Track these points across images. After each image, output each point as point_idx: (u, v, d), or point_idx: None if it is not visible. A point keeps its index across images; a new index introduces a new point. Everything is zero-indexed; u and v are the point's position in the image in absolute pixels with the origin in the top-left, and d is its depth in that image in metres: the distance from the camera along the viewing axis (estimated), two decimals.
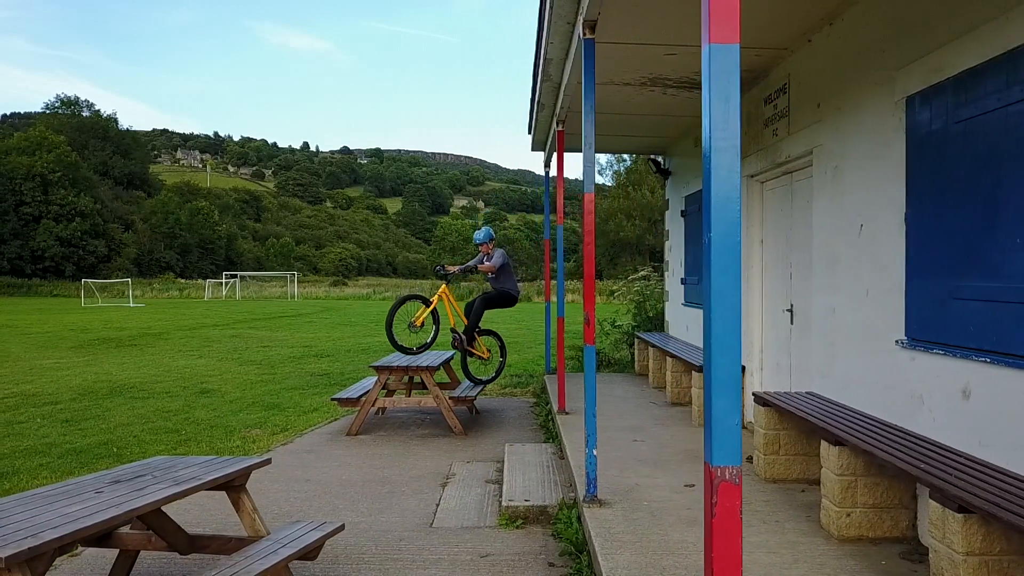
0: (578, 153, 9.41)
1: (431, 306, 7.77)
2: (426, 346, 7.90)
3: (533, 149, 10.05)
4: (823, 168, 5.08)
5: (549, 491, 5.05)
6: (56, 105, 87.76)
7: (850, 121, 4.67)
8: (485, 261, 8.24)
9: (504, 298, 8.13)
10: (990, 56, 3.25)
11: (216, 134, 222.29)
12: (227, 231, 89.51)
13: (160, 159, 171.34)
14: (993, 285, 3.24)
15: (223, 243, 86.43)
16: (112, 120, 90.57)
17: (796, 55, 5.62)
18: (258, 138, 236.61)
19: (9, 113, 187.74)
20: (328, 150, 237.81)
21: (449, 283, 8.06)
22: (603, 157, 42.53)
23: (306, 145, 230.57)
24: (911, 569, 3.45)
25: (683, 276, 9.41)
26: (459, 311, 8.12)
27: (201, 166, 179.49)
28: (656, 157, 10.70)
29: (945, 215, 3.60)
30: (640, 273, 13.65)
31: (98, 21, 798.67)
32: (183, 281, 63.76)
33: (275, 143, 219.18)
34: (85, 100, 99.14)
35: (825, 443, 3.93)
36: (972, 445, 3.37)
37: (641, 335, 10.34)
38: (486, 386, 8.54)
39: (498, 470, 5.96)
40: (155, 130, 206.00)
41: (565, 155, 7.71)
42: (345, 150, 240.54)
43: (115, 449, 6.75)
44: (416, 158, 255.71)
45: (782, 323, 6.11)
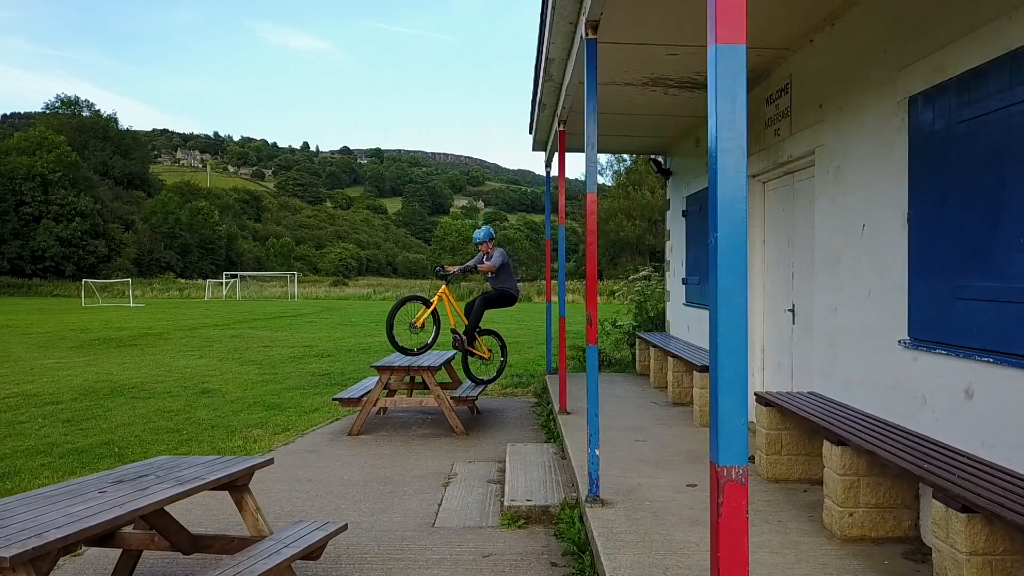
0: (579, 153, 9.43)
1: (431, 307, 7.76)
2: (427, 347, 7.90)
3: (534, 149, 10.05)
4: (825, 168, 5.08)
5: (551, 491, 5.05)
6: (56, 105, 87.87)
7: (852, 121, 4.67)
8: (485, 260, 8.23)
9: (504, 297, 8.14)
10: (993, 56, 3.25)
11: (216, 134, 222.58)
12: (227, 231, 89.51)
13: (160, 159, 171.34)
14: (996, 285, 3.24)
15: (223, 243, 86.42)
16: (112, 120, 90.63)
17: (798, 55, 5.62)
18: (258, 138, 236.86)
19: (9, 113, 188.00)
20: (328, 150, 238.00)
21: (449, 283, 8.05)
22: (603, 157, 42.45)
23: (306, 145, 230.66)
24: (914, 569, 3.45)
25: (684, 276, 9.41)
26: (459, 311, 8.12)
27: (201, 166, 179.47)
28: (657, 157, 10.70)
29: (948, 215, 3.61)
30: (641, 273, 13.65)
31: (98, 21, 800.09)
32: (183, 281, 63.75)
33: (275, 143, 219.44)
34: (85, 100, 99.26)
35: (828, 443, 3.93)
36: (975, 445, 3.38)
37: (642, 335, 10.34)
38: (487, 386, 8.54)
39: (500, 470, 5.96)
40: (155, 130, 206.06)
41: (566, 155, 7.70)
42: (345, 150, 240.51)
43: (116, 449, 6.75)
44: (416, 158, 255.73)
45: (784, 323, 6.11)
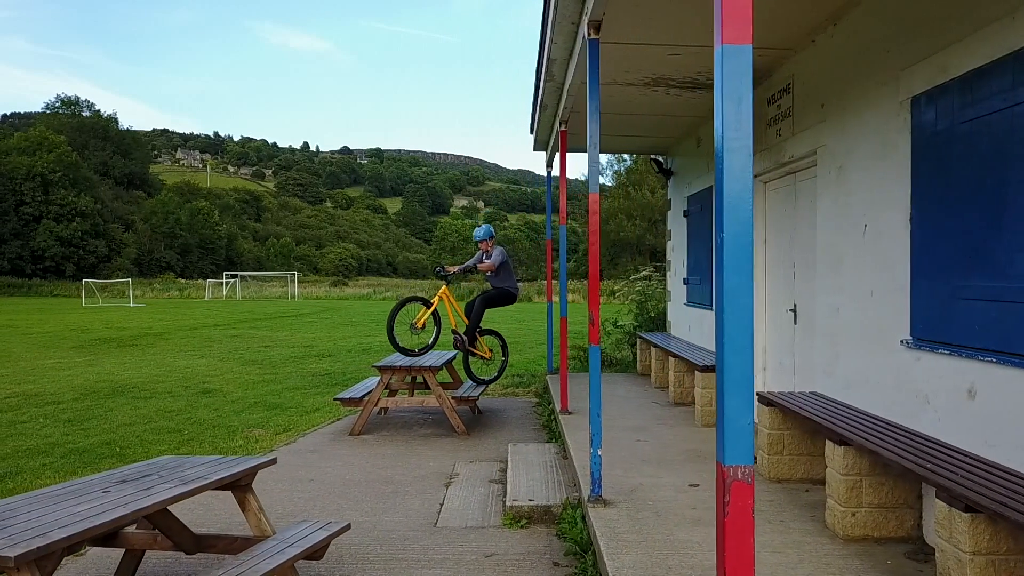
0: (580, 153, 9.42)
1: (432, 307, 7.76)
2: (428, 347, 7.90)
3: (535, 149, 10.05)
4: (827, 168, 5.08)
5: (553, 491, 5.05)
6: (56, 105, 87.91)
7: (854, 121, 4.67)
8: (484, 259, 8.21)
9: (504, 296, 8.12)
10: (996, 56, 3.25)
11: (216, 134, 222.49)
12: (227, 231, 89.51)
13: (160, 159, 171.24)
14: (999, 285, 3.24)
15: (223, 243, 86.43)
16: (112, 120, 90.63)
17: (800, 55, 5.62)
18: (258, 138, 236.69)
19: (9, 113, 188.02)
20: (328, 150, 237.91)
21: (449, 283, 8.05)
22: (604, 157, 42.33)
23: (306, 145, 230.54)
24: (917, 569, 3.46)
25: (685, 276, 9.41)
26: (460, 311, 8.11)
27: (201, 166, 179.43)
28: (658, 157, 10.70)
29: (951, 215, 3.61)
30: (642, 273, 13.65)
31: (98, 21, 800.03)
32: (183, 281, 63.72)
33: (275, 143, 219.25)
34: (85, 100, 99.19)
35: (830, 443, 3.94)
36: (978, 445, 3.38)
37: (643, 335, 10.34)
38: (488, 386, 8.54)
39: (501, 470, 5.96)
40: (155, 130, 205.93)
41: (567, 155, 7.70)
42: (345, 150, 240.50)
43: (118, 449, 6.75)
44: (416, 158, 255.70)
45: (785, 323, 6.11)
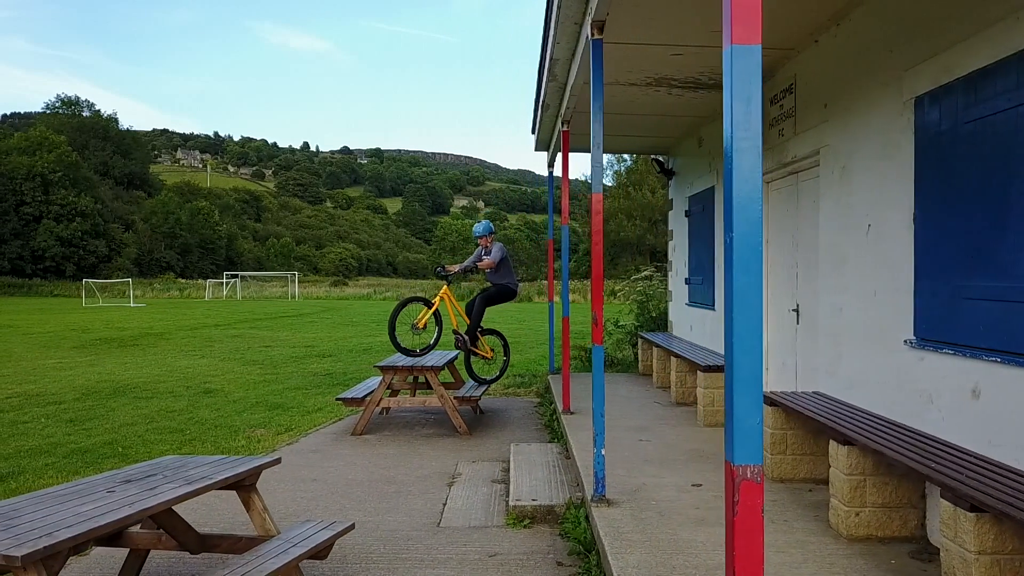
0: (581, 153, 9.43)
1: (433, 307, 7.77)
2: (429, 347, 7.90)
3: (537, 149, 10.05)
4: (830, 168, 5.09)
5: (556, 491, 5.06)
6: (56, 105, 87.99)
7: (858, 121, 4.67)
8: (484, 255, 8.16)
9: (503, 293, 8.08)
10: (1000, 56, 3.25)
11: (216, 134, 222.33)
12: (227, 231, 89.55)
13: (160, 159, 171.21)
14: (1003, 285, 3.25)
15: (223, 243, 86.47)
16: (112, 120, 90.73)
17: (802, 55, 5.63)
18: (258, 138, 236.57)
19: (9, 113, 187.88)
20: (328, 150, 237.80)
21: (450, 283, 8.05)
22: (604, 157, 42.40)
23: (306, 145, 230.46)
24: (921, 568, 3.46)
25: (687, 276, 9.41)
26: (461, 311, 8.11)
27: (201, 166, 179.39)
28: (659, 157, 10.70)
29: (954, 215, 3.61)
30: (643, 273, 13.66)
31: (98, 21, 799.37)
32: (183, 281, 63.73)
33: (275, 143, 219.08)
34: (85, 100, 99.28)
35: (834, 443, 3.94)
36: (982, 444, 3.38)
37: (645, 335, 10.34)
38: (490, 385, 8.54)
39: (504, 470, 5.97)
40: (155, 130, 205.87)
41: (569, 155, 7.70)
42: (345, 150, 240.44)
43: (120, 449, 6.76)
44: (416, 158, 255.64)
45: (788, 323, 6.11)
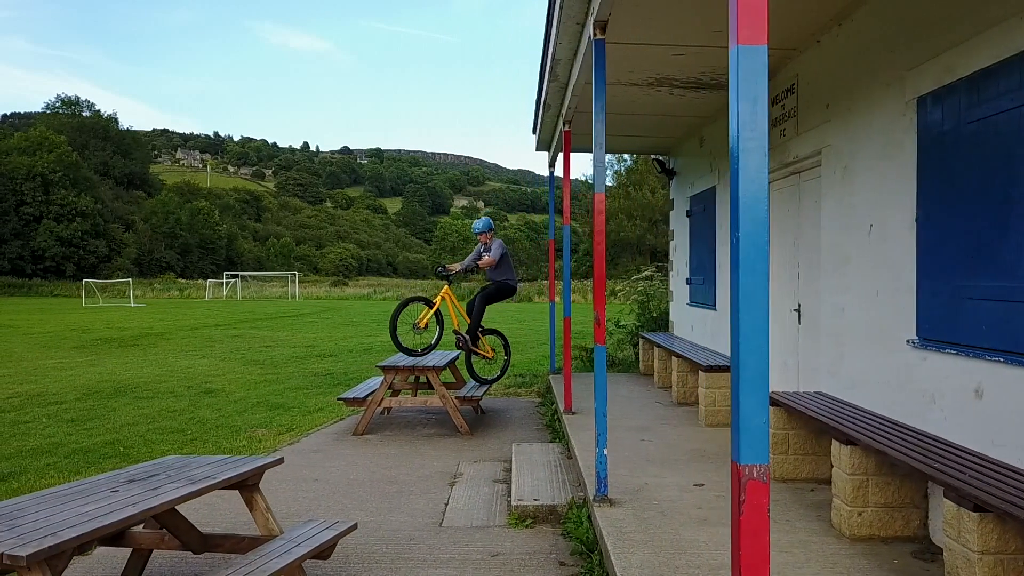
0: (582, 153, 9.43)
1: (434, 307, 7.77)
2: (430, 347, 7.90)
3: (538, 149, 10.05)
4: (832, 168, 5.09)
5: (558, 490, 5.06)
6: (56, 105, 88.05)
7: (860, 121, 4.67)
8: (484, 253, 8.14)
9: (503, 290, 8.06)
10: (1003, 56, 3.25)
11: (216, 134, 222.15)
12: (227, 231, 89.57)
13: (160, 159, 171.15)
14: (1006, 285, 3.25)
15: (223, 243, 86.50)
16: (112, 120, 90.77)
17: (804, 55, 5.63)
18: (258, 138, 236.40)
19: (9, 113, 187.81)
20: (328, 150, 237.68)
21: (451, 283, 8.05)
22: (605, 157, 42.42)
23: (306, 145, 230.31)
24: (924, 568, 3.46)
25: (688, 276, 9.41)
26: (462, 311, 8.11)
27: (201, 166, 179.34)
28: (660, 157, 10.70)
29: (957, 215, 3.61)
30: (644, 273, 13.66)
31: (98, 21, 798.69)
32: (184, 281, 63.75)
33: (275, 143, 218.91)
34: (85, 100, 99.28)
35: (836, 443, 3.94)
36: (985, 444, 3.38)
37: (646, 335, 10.34)
38: (491, 385, 8.54)
39: (505, 469, 5.97)
40: (155, 130, 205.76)
41: (570, 155, 7.70)
42: (345, 150, 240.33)
43: (122, 449, 6.76)
44: (416, 158, 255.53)
45: (789, 323, 6.11)
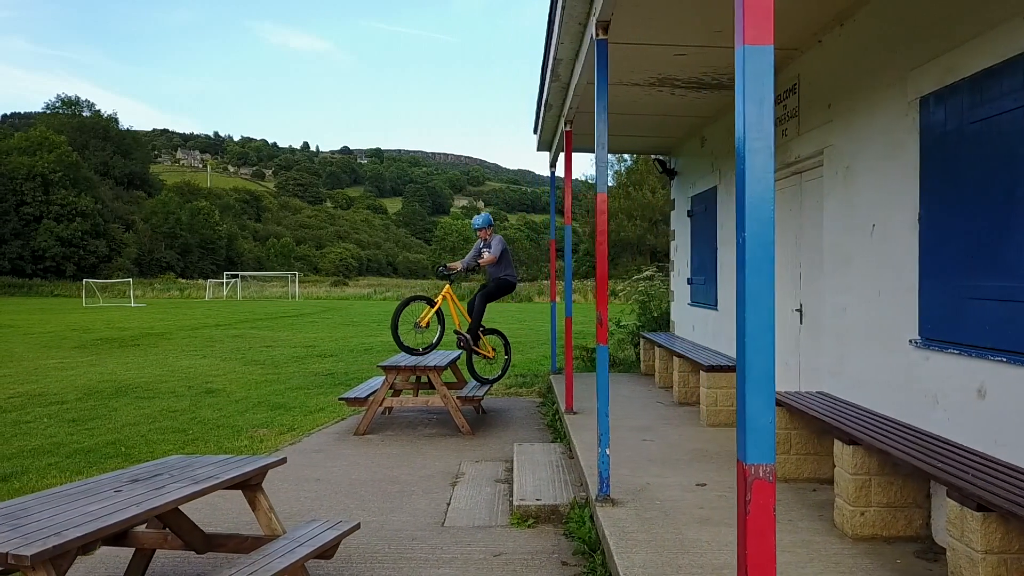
0: (582, 153, 9.43)
1: (435, 306, 7.78)
2: (432, 346, 7.90)
3: (539, 149, 10.06)
4: (834, 168, 5.09)
5: (560, 490, 5.06)
6: (56, 105, 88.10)
7: (862, 121, 4.67)
8: (484, 250, 8.11)
9: (503, 287, 8.04)
10: (1006, 56, 3.26)
11: (216, 134, 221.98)
12: (227, 231, 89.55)
13: (160, 159, 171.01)
14: (1010, 285, 3.25)
15: (224, 243, 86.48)
16: (112, 120, 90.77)
17: (806, 55, 5.63)
18: (258, 138, 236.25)
19: (9, 113, 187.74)
20: (328, 150, 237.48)
21: (452, 282, 8.04)
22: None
23: (306, 145, 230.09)
24: (927, 568, 3.46)
25: (689, 276, 9.42)
26: (463, 311, 8.11)
27: (201, 166, 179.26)
28: (661, 157, 10.71)
29: (960, 215, 3.61)
30: (645, 273, 13.67)
31: (98, 21, 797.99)
32: (184, 281, 63.77)
33: (275, 143, 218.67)
34: (85, 100, 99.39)
35: (839, 442, 3.94)
36: (988, 444, 3.38)
37: (647, 335, 10.34)
38: (493, 385, 8.54)
39: (507, 469, 5.97)
40: (155, 130, 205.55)
41: (571, 155, 7.70)
42: (345, 150, 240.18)
43: (123, 448, 6.76)
44: (416, 158, 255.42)
45: (791, 323, 6.11)
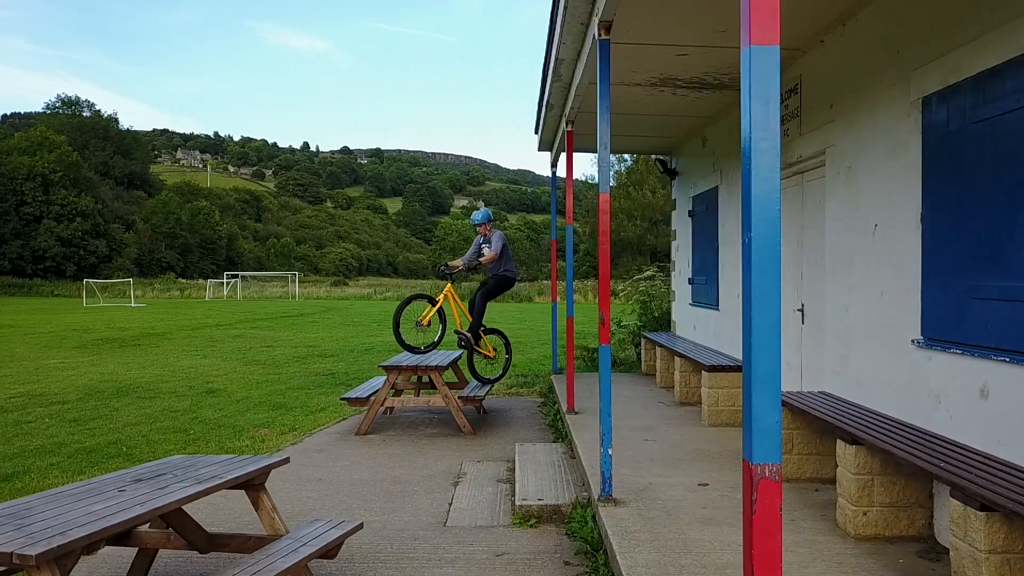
0: (582, 153, 9.43)
1: (437, 304, 7.78)
2: (433, 345, 7.90)
3: (540, 149, 10.06)
4: (836, 168, 5.09)
5: (562, 490, 5.06)
6: (57, 105, 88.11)
7: (864, 121, 4.68)
8: (484, 246, 8.10)
9: (503, 283, 8.03)
10: (1010, 56, 3.26)
11: (216, 134, 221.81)
12: (228, 231, 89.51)
13: (160, 159, 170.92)
14: (1012, 284, 3.25)
15: (224, 243, 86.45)
16: (113, 120, 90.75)
17: (808, 55, 5.63)
18: (258, 138, 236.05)
19: (9, 113, 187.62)
20: (328, 150, 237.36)
21: (454, 281, 8.04)
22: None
23: (306, 145, 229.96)
24: (929, 568, 3.46)
25: (691, 276, 9.42)
26: (464, 310, 8.11)
27: (201, 166, 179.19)
28: (663, 157, 10.71)
29: (963, 215, 3.62)
30: (646, 273, 13.68)
31: (98, 21, 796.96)
32: (184, 281, 63.75)
33: (275, 143, 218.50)
34: (86, 100, 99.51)
35: (841, 442, 3.94)
36: (991, 444, 3.39)
37: (648, 335, 10.35)
38: (494, 384, 8.54)
39: (509, 469, 5.97)
40: (155, 130, 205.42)
41: (572, 155, 7.70)
42: (345, 150, 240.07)
43: (125, 448, 6.76)
44: (416, 158, 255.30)
45: (793, 323, 6.12)
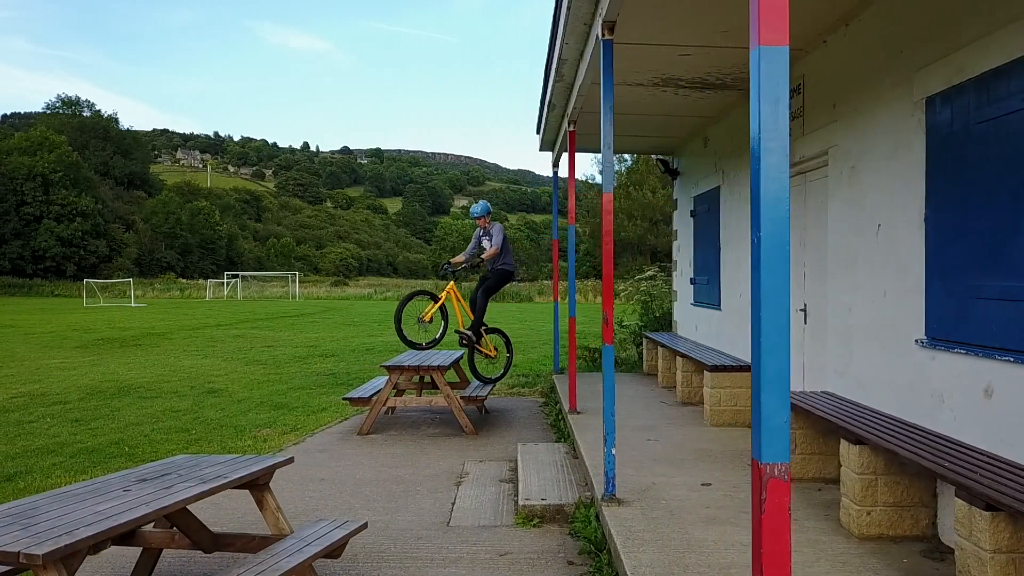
0: (584, 153, 9.43)
1: (439, 301, 7.79)
2: (435, 342, 7.91)
3: (541, 149, 10.05)
4: (839, 168, 5.10)
5: (565, 490, 5.06)
6: (57, 105, 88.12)
7: (867, 121, 4.68)
8: (483, 238, 8.12)
9: (502, 277, 8.04)
10: (1014, 57, 3.26)
11: (216, 134, 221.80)
12: (228, 231, 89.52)
13: (160, 159, 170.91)
14: (1016, 284, 3.25)
15: (224, 243, 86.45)
16: (113, 120, 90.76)
17: (811, 56, 5.64)
18: (258, 138, 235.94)
19: (10, 113, 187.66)
20: (328, 150, 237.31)
21: (456, 279, 8.04)
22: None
23: (306, 145, 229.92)
24: (934, 567, 3.47)
25: (692, 276, 9.42)
26: (467, 309, 8.12)
27: (201, 166, 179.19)
28: (664, 157, 10.72)
29: (966, 215, 3.62)
30: (647, 273, 13.69)
31: (98, 21, 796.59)
32: (184, 281, 63.74)
33: (275, 143, 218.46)
34: (86, 100, 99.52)
35: (845, 442, 3.95)
36: (995, 444, 3.39)
37: (650, 335, 10.35)
38: (495, 384, 8.55)
39: (511, 469, 5.98)
40: (155, 130, 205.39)
41: (575, 156, 7.70)
42: (345, 150, 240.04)
43: (127, 448, 6.76)
44: (416, 158, 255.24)
45: (795, 323, 6.12)
